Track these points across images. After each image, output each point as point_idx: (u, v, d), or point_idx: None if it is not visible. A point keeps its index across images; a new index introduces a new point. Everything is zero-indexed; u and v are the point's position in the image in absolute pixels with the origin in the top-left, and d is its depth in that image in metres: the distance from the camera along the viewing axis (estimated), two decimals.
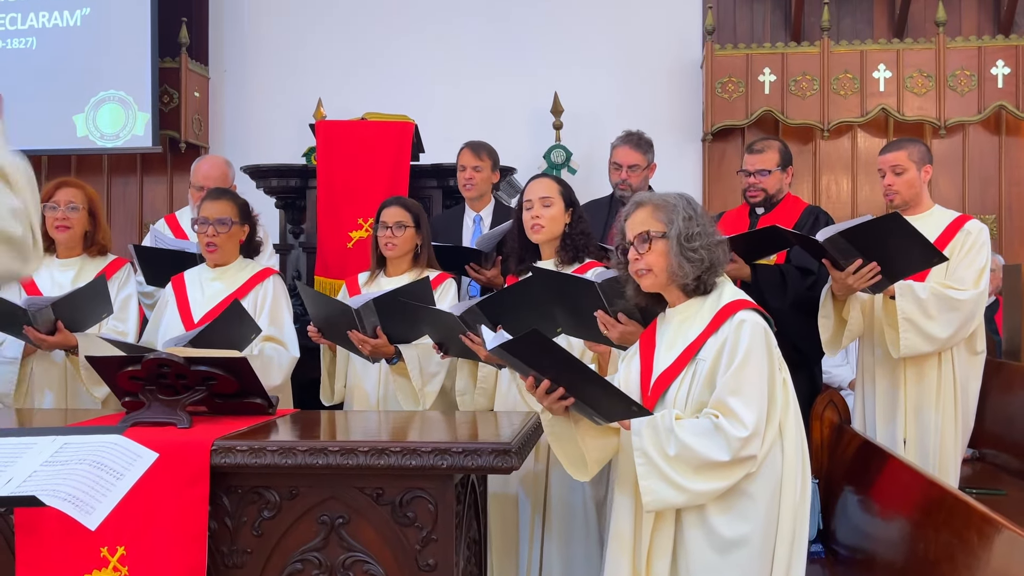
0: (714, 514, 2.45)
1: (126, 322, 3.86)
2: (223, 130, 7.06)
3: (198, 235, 3.75)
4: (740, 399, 2.43)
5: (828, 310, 3.72)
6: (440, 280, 3.86)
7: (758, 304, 4.01)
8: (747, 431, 2.41)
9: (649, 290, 2.65)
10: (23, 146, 5.56)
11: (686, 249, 2.56)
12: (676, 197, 2.63)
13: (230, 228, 3.70)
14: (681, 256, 2.56)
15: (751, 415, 2.42)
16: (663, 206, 2.61)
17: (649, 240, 2.58)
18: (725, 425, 2.42)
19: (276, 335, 3.64)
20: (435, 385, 3.66)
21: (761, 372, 2.47)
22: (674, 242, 2.56)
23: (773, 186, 4.31)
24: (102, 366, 3.06)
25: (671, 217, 2.59)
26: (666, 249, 2.57)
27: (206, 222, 3.70)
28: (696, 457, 2.42)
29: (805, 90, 6.39)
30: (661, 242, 2.58)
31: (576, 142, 6.55)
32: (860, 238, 3.44)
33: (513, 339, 2.31)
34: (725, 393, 2.45)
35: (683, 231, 2.57)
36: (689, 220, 2.58)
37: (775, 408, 2.49)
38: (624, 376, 2.68)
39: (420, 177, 5.02)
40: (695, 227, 2.58)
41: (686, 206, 2.61)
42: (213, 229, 3.69)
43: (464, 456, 2.58)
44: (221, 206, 3.73)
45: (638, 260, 2.60)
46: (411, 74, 6.77)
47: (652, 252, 2.58)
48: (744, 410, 2.42)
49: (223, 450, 2.64)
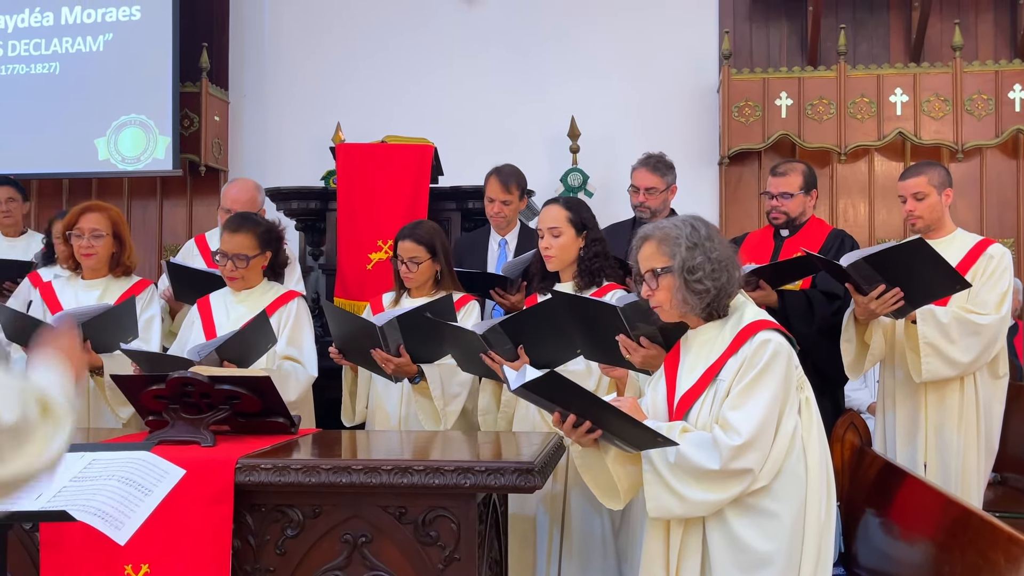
0: (740, 533, 2.45)
1: (149, 343, 3.88)
2: (243, 154, 7.10)
3: (219, 267, 3.77)
4: (740, 412, 2.44)
5: (850, 334, 3.72)
6: (463, 302, 3.87)
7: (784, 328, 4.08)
8: (740, 440, 2.41)
9: (668, 321, 2.66)
10: (45, 170, 5.65)
11: (690, 282, 2.56)
12: (680, 224, 2.63)
13: (248, 263, 3.71)
14: (686, 290, 2.57)
15: (747, 427, 2.42)
16: (665, 239, 2.61)
17: (656, 277, 2.60)
18: (719, 435, 2.44)
19: (295, 355, 3.66)
20: (457, 405, 3.67)
21: (772, 390, 2.46)
22: (678, 276, 2.57)
23: (795, 209, 4.31)
24: (127, 384, 3.09)
25: (674, 250, 2.59)
26: (673, 284, 2.58)
27: (225, 256, 3.71)
28: (690, 465, 2.43)
29: (822, 114, 6.40)
30: (667, 277, 2.59)
31: (593, 166, 6.57)
32: (884, 264, 3.44)
33: (534, 379, 2.32)
34: (728, 407, 2.47)
35: (686, 263, 2.56)
36: (692, 249, 2.57)
37: (786, 425, 2.48)
38: (651, 398, 2.68)
39: (439, 200, 5.05)
40: (698, 256, 2.57)
41: (690, 234, 2.60)
42: (232, 264, 3.70)
43: (487, 475, 2.58)
44: (239, 240, 3.72)
45: (650, 296, 2.62)
46: (429, 98, 6.81)
47: (661, 288, 2.60)
48: (741, 422, 2.43)
49: (247, 468, 2.65)
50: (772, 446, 2.44)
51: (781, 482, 2.45)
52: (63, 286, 3.95)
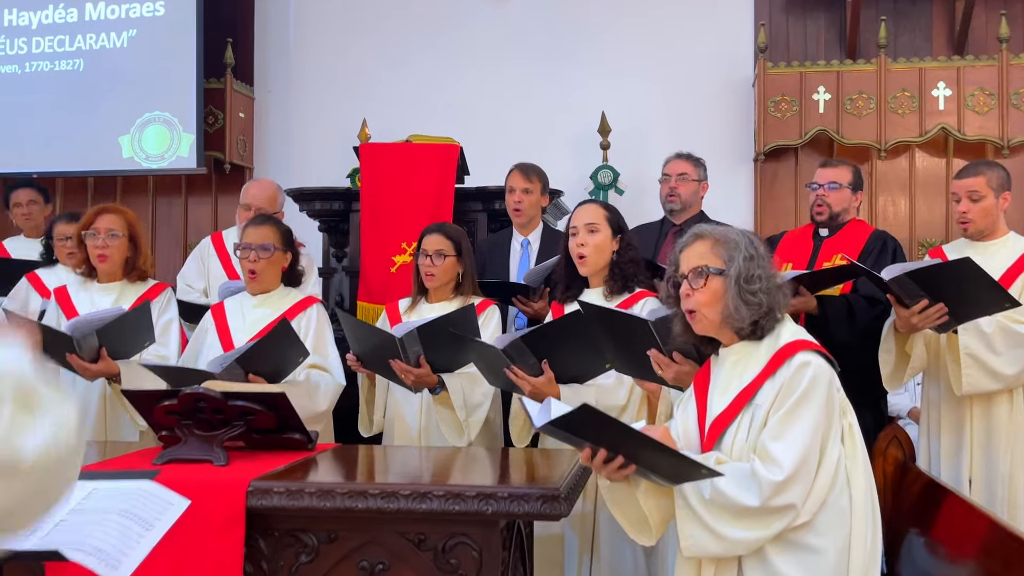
0: (780, 569, 2.28)
1: (168, 346, 3.79)
2: (268, 150, 7.01)
3: (240, 261, 3.68)
4: (781, 443, 2.27)
5: (890, 344, 3.55)
6: (483, 307, 3.75)
7: (825, 337, 3.90)
8: (781, 475, 2.24)
9: (701, 332, 2.49)
10: (70, 168, 5.59)
11: (745, 291, 2.39)
12: (739, 234, 2.48)
13: (272, 254, 3.62)
14: (739, 298, 2.39)
15: (789, 460, 2.25)
16: (724, 241, 2.45)
17: (705, 276, 2.43)
18: (760, 469, 2.26)
19: (320, 363, 3.54)
20: (480, 415, 3.55)
21: (813, 418, 2.29)
22: (732, 282, 2.40)
23: (840, 202, 4.13)
24: (138, 400, 2.98)
25: (732, 254, 2.43)
26: (723, 288, 2.41)
27: (248, 247, 3.63)
28: (728, 501, 2.26)
29: (861, 109, 6.20)
30: (718, 280, 2.42)
31: (624, 162, 6.41)
32: (928, 280, 3.27)
33: (562, 415, 2.16)
34: (768, 437, 2.29)
35: (743, 271, 2.40)
36: (751, 260, 2.42)
37: (830, 455, 2.32)
38: (681, 422, 2.53)
39: (465, 200, 4.92)
40: (756, 268, 2.42)
41: (748, 244, 2.45)
42: (255, 254, 3.61)
43: (510, 501, 2.45)
44: (263, 232, 3.65)
45: (690, 296, 2.45)
46: (457, 94, 6.68)
47: (707, 290, 2.42)
48: (783, 455, 2.26)
49: (259, 491, 2.53)
50: (815, 478, 2.28)
51: (825, 516, 2.28)
52: (77, 291, 3.86)
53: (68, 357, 3.50)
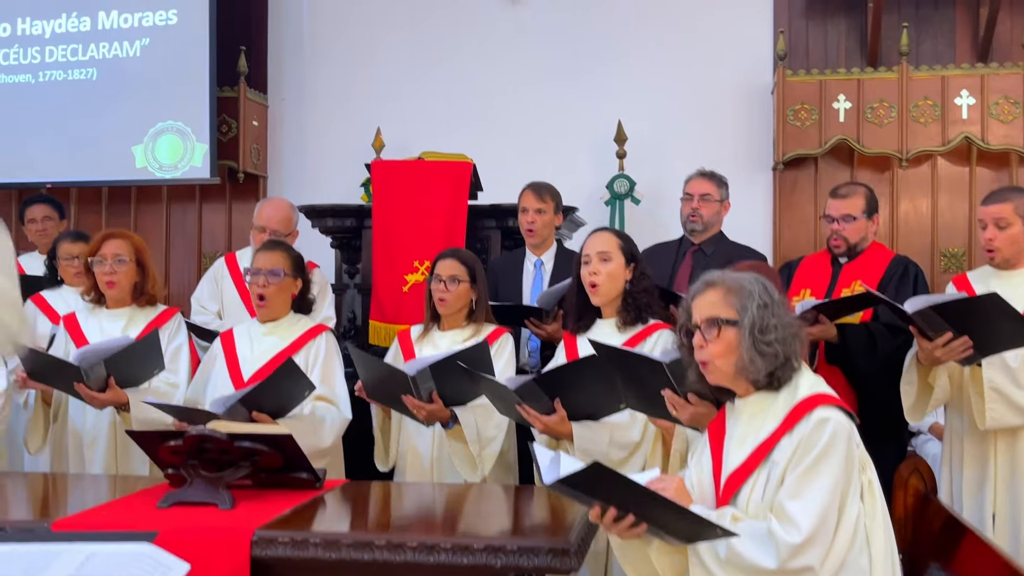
0: None
1: (177, 373, 3.75)
2: (282, 158, 6.96)
3: (249, 286, 3.63)
4: (800, 503, 2.20)
5: (912, 376, 3.46)
6: (496, 335, 3.69)
7: (845, 366, 3.82)
8: (800, 537, 2.17)
9: (715, 383, 2.42)
10: (83, 177, 5.54)
11: (759, 342, 2.32)
12: (752, 281, 2.40)
13: (282, 279, 3.57)
14: (753, 349, 2.32)
15: (808, 521, 2.18)
16: (736, 290, 2.38)
17: (718, 327, 2.36)
18: (777, 529, 2.19)
19: (328, 395, 3.49)
20: (493, 448, 3.49)
21: (833, 476, 2.23)
22: (746, 333, 2.33)
23: (856, 234, 4.04)
24: (144, 439, 2.94)
25: (745, 303, 2.35)
26: (736, 339, 2.34)
27: (258, 272, 3.58)
28: (744, 563, 2.20)
29: (882, 118, 6.08)
30: (731, 331, 2.35)
31: (640, 171, 6.32)
32: (953, 313, 3.18)
33: (573, 474, 2.10)
34: (785, 496, 2.22)
35: (757, 321, 2.33)
36: (764, 308, 2.35)
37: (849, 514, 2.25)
38: (696, 473, 2.46)
39: (478, 217, 4.86)
40: (771, 317, 2.34)
41: (762, 292, 2.37)
42: (264, 279, 3.56)
43: (519, 555, 2.40)
44: (274, 257, 3.61)
45: (703, 348, 2.38)
46: (472, 101, 6.60)
47: (720, 341, 2.35)
48: (801, 515, 2.19)
49: (264, 541, 2.49)
50: (834, 538, 2.21)
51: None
52: (86, 318, 3.83)
53: (76, 386, 3.47)
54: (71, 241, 4.55)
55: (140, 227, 6.99)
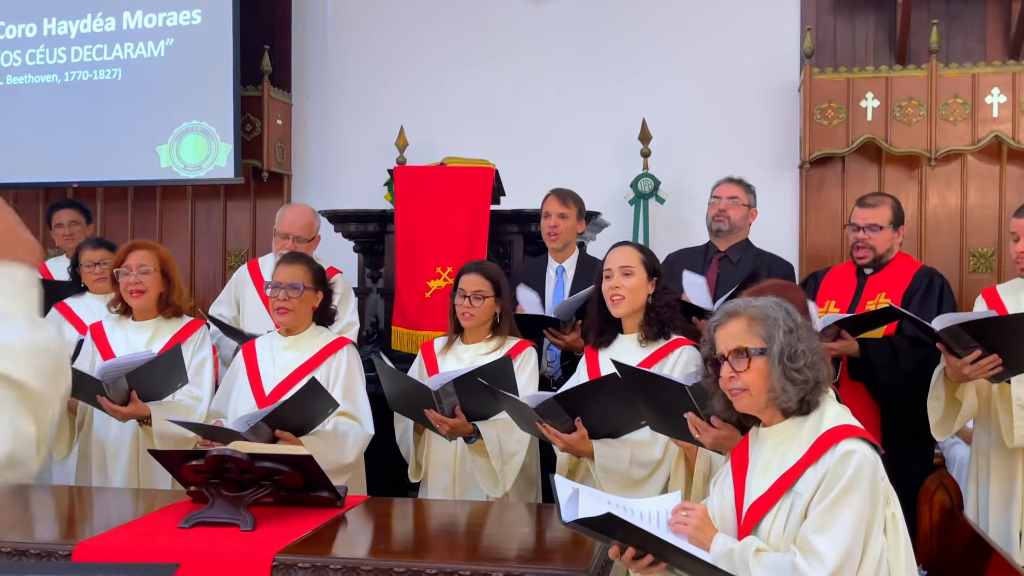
0: None
1: (201, 387, 3.77)
2: (306, 157, 6.96)
3: (270, 299, 3.63)
4: (825, 538, 2.18)
5: (939, 392, 3.41)
6: (520, 349, 3.68)
7: (867, 381, 3.78)
8: (825, 572, 2.15)
9: (744, 411, 2.40)
10: (109, 177, 5.56)
11: (789, 369, 2.30)
12: (775, 307, 2.38)
13: (302, 293, 3.57)
14: (784, 378, 2.30)
15: (833, 556, 2.16)
16: (761, 319, 2.35)
17: (748, 357, 2.33)
18: (802, 565, 2.17)
19: (350, 410, 3.49)
20: (515, 463, 3.49)
21: (858, 511, 2.21)
22: (775, 361, 2.31)
23: (883, 244, 4.00)
24: (166, 459, 2.96)
25: (771, 332, 2.33)
26: (766, 369, 2.32)
27: (278, 286, 3.58)
28: None
29: (911, 116, 6.00)
30: (760, 360, 2.32)
31: (665, 170, 6.27)
32: (982, 331, 3.13)
33: (587, 518, 2.09)
34: (810, 530, 2.20)
35: (786, 349, 2.31)
36: (791, 334, 2.32)
37: (872, 548, 2.22)
38: (718, 501, 2.44)
39: (501, 222, 4.84)
40: (798, 343, 2.32)
41: (786, 318, 2.35)
42: (284, 293, 3.56)
43: None
44: (294, 271, 3.60)
45: (735, 379, 2.36)
46: (495, 100, 6.57)
47: (751, 372, 2.33)
48: (827, 550, 2.17)
49: (284, 566, 2.51)
50: (858, 573, 2.19)
51: None
52: (112, 328, 3.85)
53: (99, 399, 3.49)
54: (93, 248, 4.57)
55: (165, 226, 7.04)
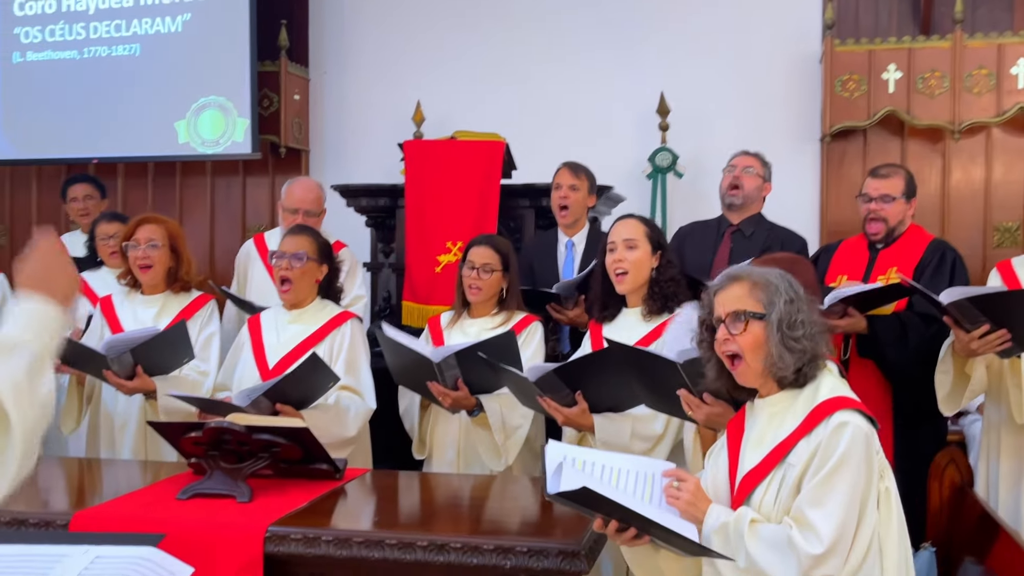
0: None
1: (208, 361, 3.78)
2: (324, 132, 6.96)
3: (274, 270, 3.63)
4: (821, 511, 2.14)
5: (948, 365, 3.35)
6: (526, 323, 3.66)
7: (876, 357, 3.72)
8: (822, 547, 2.12)
9: (743, 383, 2.37)
10: (128, 153, 5.58)
11: (788, 338, 2.27)
12: (778, 276, 2.34)
13: (305, 263, 3.56)
14: (782, 345, 2.27)
15: (829, 530, 2.13)
16: (763, 284, 2.32)
17: (745, 320, 2.30)
18: (798, 539, 2.14)
19: (352, 384, 3.48)
20: (518, 437, 3.48)
21: (853, 484, 2.17)
22: (774, 328, 2.27)
23: (895, 216, 3.93)
24: (166, 430, 2.98)
25: (772, 298, 2.30)
26: (764, 334, 2.29)
27: (282, 256, 3.58)
28: (764, 573, 2.15)
29: (934, 88, 5.88)
30: (758, 325, 2.29)
31: (683, 144, 6.21)
32: (990, 306, 3.07)
33: (565, 492, 2.08)
34: (806, 503, 2.16)
35: (785, 316, 2.27)
36: (791, 304, 2.29)
37: (866, 523, 2.19)
38: (712, 473, 2.42)
39: (512, 197, 4.81)
40: (798, 313, 2.29)
41: (788, 287, 2.32)
42: (288, 263, 3.56)
43: (528, 556, 2.39)
44: (299, 241, 3.60)
45: (729, 341, 2.33)
46: (512, 73, 6.51)
47: (747, 335, 2.29)
48: (823, 524, 2.13)
49: (277, 538, 2.51)
50: (852, 547, 2.16)
51: None
52: (121, 302, 3.88)
53: (104, 373, 3.52)
54: (107, 221, 4.61)
55: (185, 202, 7.07)
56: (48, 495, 3.01)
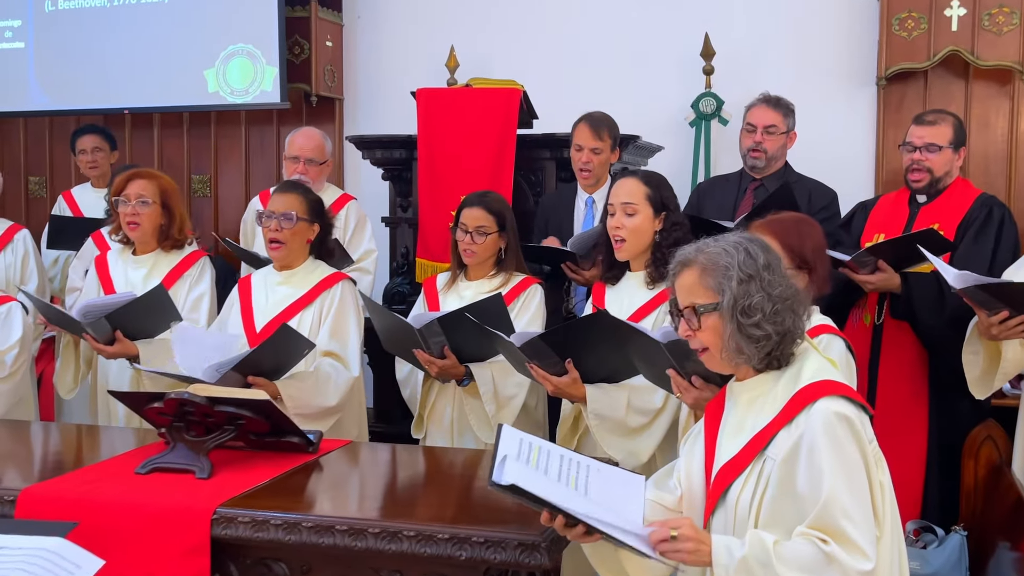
0: None
1: (197, 323, 3.65)
2: (358, 80, 6.74)
3: (263, 231, 3.47)
4: (853, 522, 1.88)
5: (976, 344, 3.04)
6: (524, 286, 3.44)
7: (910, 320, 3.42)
8: (870, 564, 1.87)
9: (714, 370, 2.13)
10: (158, 103, 5.46)
11: (744, 326, 2.01)
12: (732, 249, 2.06)
13: (295, 224, 3.39)
14: (739, 335, 2.02)
15: (868, 541, 1.88)
16: (712, 268, 2.05)
17: (698, 316, 2.06)
18: (842, 556, 1.86)
19: (337, 350, 3.32)
20: (513, 407, 3.28)
21: (863, 480, 1.93)
22: (728, 316, 2.02)
23: (941, 167, 3.61)
24: (130, 400, 2.86)
25: (721, 283, 2.03)
26: (720, 326, 2.04)
27: (271, 216, 3.41)
28: None
29: (1002, 25, 5.41)
30: (712, 317, 2.05)
31: (729, 89, 5.83)
32: (1005, 296, 2.76)
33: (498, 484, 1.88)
34: (838, 514, 1.87)
35: (739, 301, 2.01)
36: (746, 283, 2.02)
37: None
38: (686, 463, 2.19)
39: (532, 148, 4.56)
40: (755, 292, 2.01)
41: (744, 262, 2.03)
42: (276, 223, 3.39)
43: (485, 547, 2.20)
44: (288, 200, 3.43)
45: (691, 338, 2.09)
46: (549, 20, 6.21)
47: (705, 330, 2.06)
48: (862, 537, 1.88)
49: (224, 520, 2.36)
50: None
51: None
52: (115, 261, 3.76)
53: (85, 338, 3.41)
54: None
55: (220, 152, 6.96)
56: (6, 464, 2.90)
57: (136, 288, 3.57)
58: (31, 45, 6.66)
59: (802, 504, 1.92)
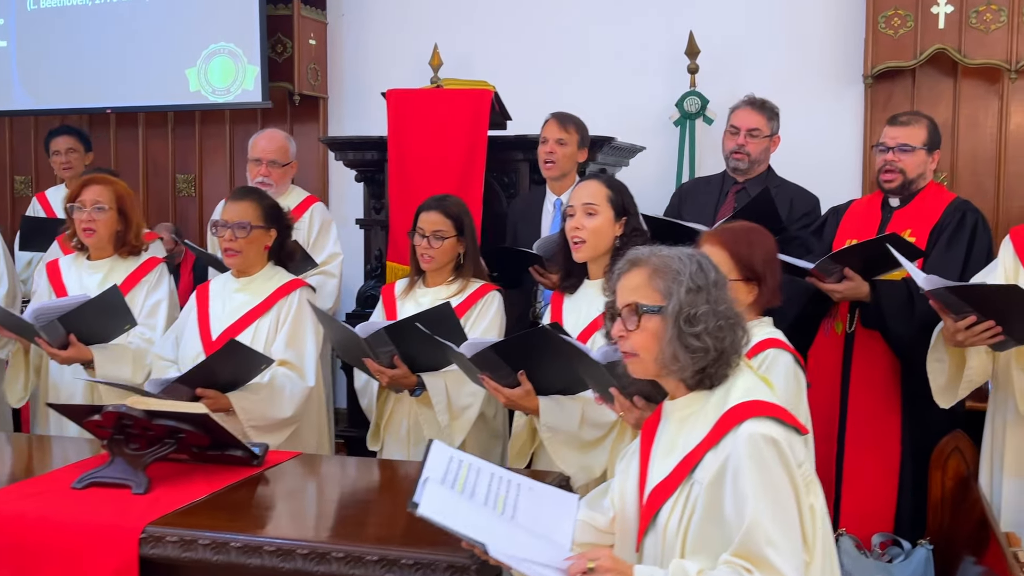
0: None
1: (155, 329, 3.59)
2: (343, 79, 6.68)
3: (218, 240, 3.41)
4: (777, 549, 1.81)
5: (941, 352, 2.96)
6: (482, 292, 3.38)
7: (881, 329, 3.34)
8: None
9: (639, 375, 2.07)
10: (139, 102, 5.41)
11: (685, 334, 1.94)
12: (684, 259, 2.01)
13: (249, 232, 3.32)
14: (678, 342, 1.95)
15: (793, 567, 1.82)
16: (663, 271, 2.00)
17: (639, 316, 1.99)
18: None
19: (293, 360, 3.25)
20: (467, 418, 3.22)
21: (791, 505, 1.87)
22: (671, 322, 1.96)
23: (914, 168, 3.52)
24: (70, 412, 2.81)
25: (670, 287, 1.97)
26: (660, 330, 1.98)
27: (225, 225, 3.35)
28: None
29: (989, 23, 5.32)
30: (653, 320, 1.98)
31: (714, 88, 5.75)
32: (974, 299, 2.69)
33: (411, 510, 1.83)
34: (761, 540, 1.81)
35: (684, 309, 1.95)
36: (695, 293, 1.96)
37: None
38: (620, 482, 2.12)
39: (505, 149, 4.49)
40: (701, 303, 1.96)
41: (695, 273, 1.98)
42: (231, 233, 3.32)
43: (414, 570, 2.14)
44: (242, 208, 3.36)
45: (624, 339, 2.03)
46: (535, 18, 6.14)
47: (642, 331, 1.99)
48: (786, 564, 1.81)
49: (152, 539, 2.31)
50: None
51: None
52: (68, 266, 3.71)
53: (37, 342, 3.36)
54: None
55: (205, 151, 6.92)
56: None
57: (91, 293, 3.51)
58: (14, 44, 6.63)
59: (728, 530, 1.86)
